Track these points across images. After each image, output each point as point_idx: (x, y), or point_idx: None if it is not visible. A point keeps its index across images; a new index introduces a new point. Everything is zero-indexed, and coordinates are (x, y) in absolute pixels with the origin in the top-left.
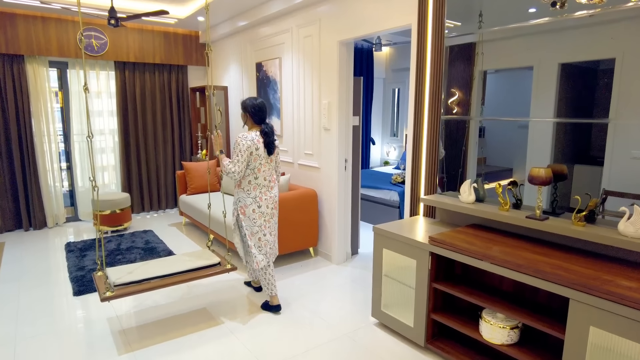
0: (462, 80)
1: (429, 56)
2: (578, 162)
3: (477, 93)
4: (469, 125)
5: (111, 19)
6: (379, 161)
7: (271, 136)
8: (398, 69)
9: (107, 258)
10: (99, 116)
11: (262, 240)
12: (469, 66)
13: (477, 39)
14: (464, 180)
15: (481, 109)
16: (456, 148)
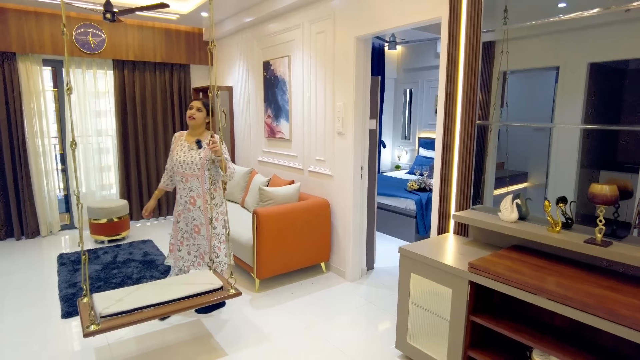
0: (481, 82)
1: (463, 53)
2: (604, 168)
3: (497, 95)
4: (489, 130)
5: (107, 12)
6: (389, 165)
7: None
8: (410, 69)
9: (102, 272)
10: (97, 118)
11: None
12: (489, 66)
13: (499, 36)
14: (484, 187)
15: (500, 112)
16: (469, 153)
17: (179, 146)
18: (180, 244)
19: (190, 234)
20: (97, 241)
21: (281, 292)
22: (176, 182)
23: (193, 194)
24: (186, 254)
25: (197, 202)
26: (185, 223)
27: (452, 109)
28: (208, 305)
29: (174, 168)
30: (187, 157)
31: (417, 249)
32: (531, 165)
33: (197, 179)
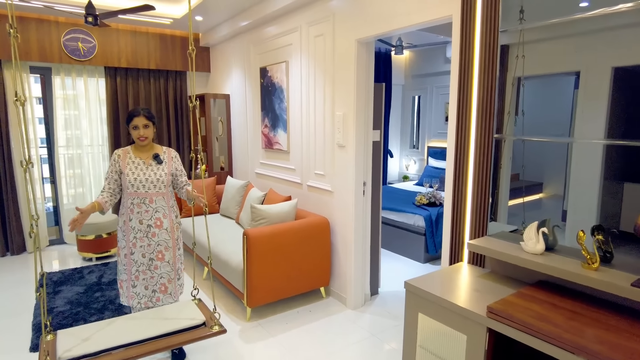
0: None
1: (477, 56)
2: (630, 180)
3: (512, 103)
4: (503, 140)
5: (88, 16)
6: (397, 176)
7: None
8: (419, 75)
9: (83, 296)
10: (88, 127)
11: None
12: (503, 72)
13: (513, 39)
14: (499, 202)
15: (515, 120)
16: (485, 169)
17: (130, 164)
18: (136, 279)
19: (148, 266)
20: (85, 258)
21: (275, 321)
22: (131, 205)
23: (159, 215)
24: (143, 289)
25: (164, 224)
26: (141, 254)
27: (465, 119)
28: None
29: (130, 189)
30: (149, 175)
31: (426, 284)
32: (547, 175)
33: (162, 197)
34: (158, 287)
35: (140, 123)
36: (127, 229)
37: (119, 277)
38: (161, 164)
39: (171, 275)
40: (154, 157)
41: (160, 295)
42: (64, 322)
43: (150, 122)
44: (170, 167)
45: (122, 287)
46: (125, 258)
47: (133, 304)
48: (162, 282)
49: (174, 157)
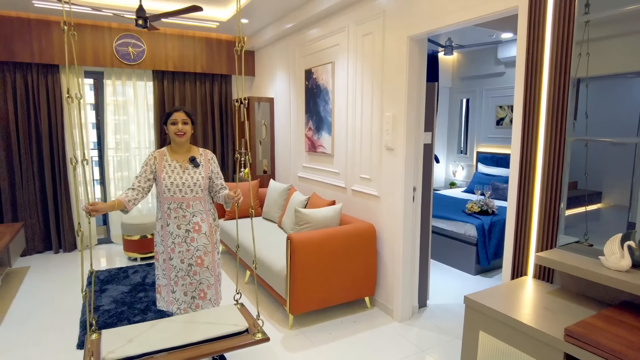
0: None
1: (548, 51)
2: None
3: (570, 106)
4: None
5: (139, 19)
6: (443, 182)
7: None
8: (467, 77)
9: (128, 295)
10: (136, 129)
11: None
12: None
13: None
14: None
15: (573, 125)
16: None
17: (166, 168)
18: (175, 284)
19: (187, 272)
20: (130, 258)
21: (318, 331)
22: (168, 210)
23: (197, 219)
24: (182, 295)
25: (202, 228)
26: (180, 259)
27: (532, 122)
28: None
29: (166, 194)
30: (186, 179)
31: (488, 299)
32: (607, 184)
33: (200, 201)
34: (197, 294)
35: (179, 118)
36: (165, 234)
37: (157, 282)
38: (198, 167)
39: (210, 280)
40: (190, 160)
41: (199, 301)
42: (109, 320)
43: (189, 119)
44: (207, 170)
45: (161, 292)
46: (164, 263)
47: (173, 309)
48: (201, 289)
49: (211, 159)
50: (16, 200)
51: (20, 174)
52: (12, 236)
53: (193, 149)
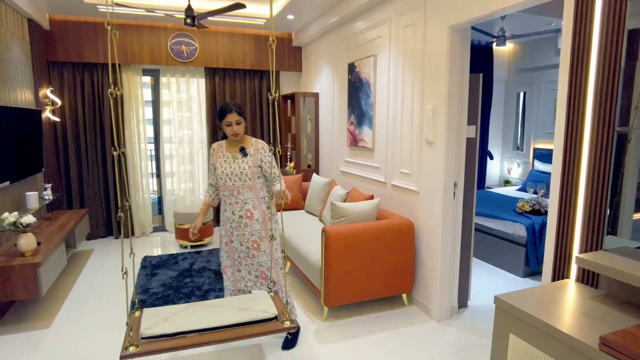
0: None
1: (597, 37)
2: None
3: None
4: (628, 140)
5: (187, 17)
6: (497, 180)
7: None
8: (524, 69)
9: (175, 280)
10: (188, 124)
11: None
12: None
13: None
14: (620, 214)
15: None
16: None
17: (221, 158)
18: (239, 264)
19: (247, 253)
20: (181, 246)
21: (352, 324)
22: (224, 197)
23: (248, 206)
24: (247, 273)
25: (254, 215)
26: (239, 242)
27: (577, 112)
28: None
29: (220, 182)
30: (234, 168)
31: (522, 301)
32: None
33: (249, 189)
34: (259, 274)
35: (233, 120)
36: (224, 219)
37: (222, 264)
38: (246, 157)
39: (269, 264)
40: (240, 149)
41: (262, 280)
42: (156, 302)
43: (242, 118)
44: (255, 159)
45: (227, 272)
46: (226, 246)
47: (240, 287)
48: (262, 270)
49: (261, 148)
50: (83, 188)
51: (87, 165)
52: (77, 221)
53: (246, 139)
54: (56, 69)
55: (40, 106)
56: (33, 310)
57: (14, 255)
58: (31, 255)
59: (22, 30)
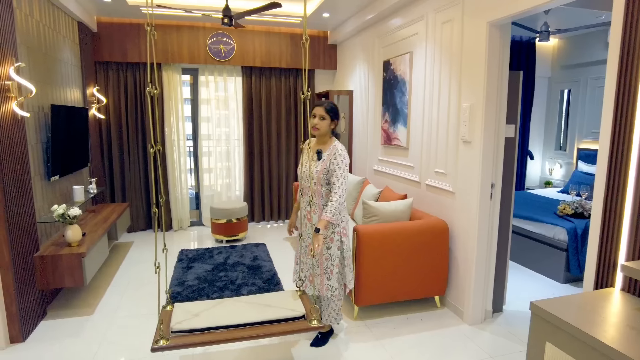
0: None
1: None
2: None
3: None
4: None
5: (225, 17)
6: (538, 181)
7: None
8: (570, 65)
9: (210, 274)
10: (226, 122)
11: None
12: None
13: None
14: None
15: None
16: None
17: (304, 155)
18: (300, 259)
19: (305, 252)
20: (217, 240)
21: (382, 325)
22: (299, 192)
23: (310, 209)
24: (301, 271)
25: (312, 218)
26: (304, 239)
27: (627, 110)
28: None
29: (299, 177)
30: (306, 169)
31: (560, 309)
32: None
33: (314, 193)
34: (308, 275)
35: (317, 113)
36: (300, 214)
37: (296, 254)
38: (319, 161)
39: (317, 270)
40: (316, 152)
41: (308, 283)
42: (191, 295)
43: (327, 115)
44: (325, 164)
45: (296, 262)
46: (300, 237)
47: (301, 277)
48: (311, 272)
49: (335, 154)
50: (125, 183)
51: (129, 161)
52: (119, 214)
53: (329, 142)
54: (102, 68)
55: (87, 104)
56: (78, 297)
57: (62, 245)
58: (77, 245)
59: (73, 33)
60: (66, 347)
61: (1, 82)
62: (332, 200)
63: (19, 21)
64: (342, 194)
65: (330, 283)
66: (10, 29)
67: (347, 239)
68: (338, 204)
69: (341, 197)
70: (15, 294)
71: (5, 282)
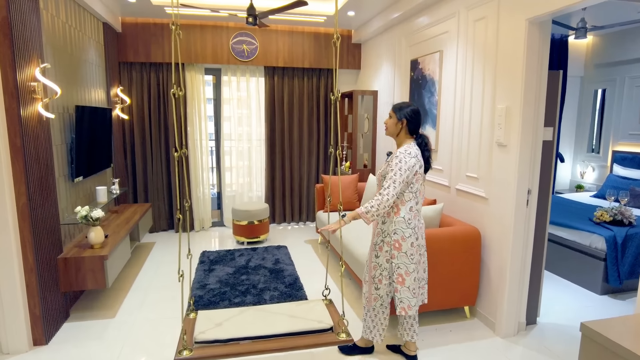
0: None
1: None
2: None
3: None
4: None
5: (249, 16)
6: (568, 184)
7: (428, 150)
8: (605, 64)
9: (232, 277)
10: (247, 121)
11: (417, 281)
12: None
13: None
14: None
15: None
16: None
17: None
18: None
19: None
20: (238, 242)
21: None
22: None
23: None
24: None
25: (376, 223)
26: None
27: None
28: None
29: None
30: (381, 169)
31: (615, 332)
32: None
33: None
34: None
35: (389, 113)
36: None
37: None
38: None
39: (365, 277)
40: (387, 153)
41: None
42: (213, 299)
43: (393, 114)
44: (387, 165)
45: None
46: None
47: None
48: (364, 277)
49: (395, 156)
50: (147, 183)
51: (152, 161)
52: (141, 215)
53: (401, 143)
54: (126, 69)
55: (111, 105)
56: (100, 299)
57: (85, 246)
58: (99, 247)
59: (98, 34)
60: (88, 350)
61: (27, 84)
62: (373, 198)
63: (45, 22)
64: (388, 198)
65: (379, 293)
66: (37, 30)
67: (401, 254)
68: (377, 204)
69: (385, 199)
70: (39, 297)
71: (30, 284)
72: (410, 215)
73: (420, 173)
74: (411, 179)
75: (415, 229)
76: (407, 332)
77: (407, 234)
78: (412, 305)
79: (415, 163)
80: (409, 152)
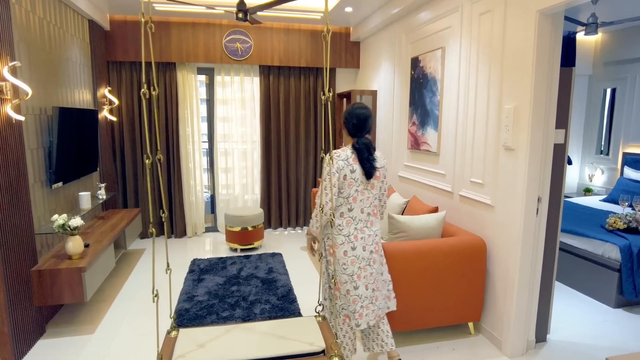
0: None
1: None
2: None
3: None
4: None
5: (239, 12)
6: (575, 187)
7: (365, 153)
8: (615, 62)
9: (221, 288)
10: (242, 122)
11: (350, 295)
12: None
13: None
14: None
15: None
16: None
17: None
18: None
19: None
20: (231, 248)
21: (410, 354)
22: None
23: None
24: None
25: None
26: None
27: None
28: None
29: None
30: None
31: None
32: None
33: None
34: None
35: None
36: None
37: None
38: None
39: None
40: None
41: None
42: (199, 312)
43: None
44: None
45: None
46: None
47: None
48: None
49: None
50: (138, 187)
51: (142, 165)
52: (129, 221)
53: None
54: (115, 68)
55: (97, 106)
56: (81, 312)
57: (62, 257)
58: (78, 258)
59: (83, 32)
60: None
61: None
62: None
63: (17, 18)
64: (322, 206)
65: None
66: (6, 25)
67: (335, 261)
68: (314, 215)
69: (318, 210)
70: (7, 313)
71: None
72: (341, 221)
73: (352, 178)
74: (342, 183)
75: (349, 237)
76: (375, 342)
77: (339, 240)
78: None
79: (344, 167)
80: (337, 155)
